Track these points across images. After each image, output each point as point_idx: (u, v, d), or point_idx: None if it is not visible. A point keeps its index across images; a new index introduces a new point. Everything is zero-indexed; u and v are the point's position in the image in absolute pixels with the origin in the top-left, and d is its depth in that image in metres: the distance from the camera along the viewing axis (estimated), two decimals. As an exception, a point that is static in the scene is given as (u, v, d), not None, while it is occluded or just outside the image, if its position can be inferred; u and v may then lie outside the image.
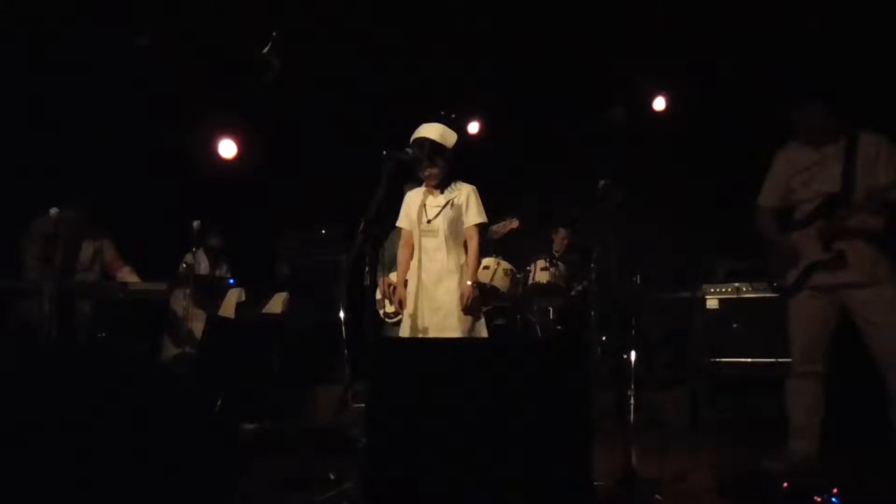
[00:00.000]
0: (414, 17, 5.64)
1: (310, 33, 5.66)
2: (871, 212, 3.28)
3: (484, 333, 3.94)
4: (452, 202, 3.87)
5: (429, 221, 3.87)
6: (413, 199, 3.99)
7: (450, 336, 3.68)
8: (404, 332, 3.85)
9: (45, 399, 2.48)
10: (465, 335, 3.74)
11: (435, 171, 3.83)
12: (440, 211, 3.86)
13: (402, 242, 4.05)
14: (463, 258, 3.89)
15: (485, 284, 5.70)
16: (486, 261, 5.81)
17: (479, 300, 3.91)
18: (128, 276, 5.07)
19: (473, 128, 7.29)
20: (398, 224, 4.03)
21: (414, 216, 3.94)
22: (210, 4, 5.22)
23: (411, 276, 3.90)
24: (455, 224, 3.86)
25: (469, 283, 3.80)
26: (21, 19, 4.95)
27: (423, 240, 3.89)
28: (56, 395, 2.51)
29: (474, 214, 3.89)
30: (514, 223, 5.57)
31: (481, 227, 3.94)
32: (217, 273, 5.88)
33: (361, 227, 3.40)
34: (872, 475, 3.40)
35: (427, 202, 3.92)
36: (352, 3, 5.38)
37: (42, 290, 4.23)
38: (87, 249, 5.07)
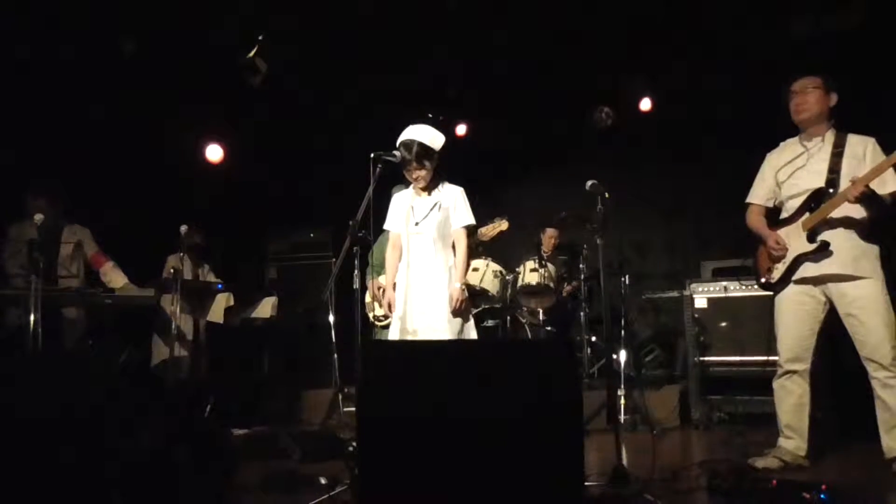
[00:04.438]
0: (402, 19, 5.63)
1: (297, 36, 5.64)
2: (855, 203, 3.26)
3: (473, 335, 3.94)
4: (440, 204, 3.88)
5: (416, 224, 3.87)
6: (400, 200, 4.00)
7: (439, 338, 3.68)
8: (393, 334, 3.84)
9: (37, 406, 2.47)
10: (455, 337, 3.74)
11: (422, 173, 3.83)
12: (428, 213, 3.87)
13: (390, 245, 4.05)
14: (452, 260, 3.89)
15: (474, 286, 5.73)
16: (475, 262, 5.83)
17: (468, 302, 3.92)
18: (111, 272, 4.99)
19: (461, 129, 7.29)
20: (386, 226, 4.02)
21: (402, 218, 3.94)
22: (197, 7, 5.19)
23: (400, 279, 3.90)
24: (443, 226, 3.87)
25: (457, 285, 3.80)
26: (5, 18, 4.90)
27: (412, 242, 3.89)
28: (46, 403, 2.50)
29: (462, 216, 3.90)
30: (503, 225, 5.57)
31: (469, 229, 3.95)
32: (199, 273, 5.84)
33: (350, 229, 3.40)
34: (860, 471, 3.42)
35: (415, 204, 3.92)
36: (340, 5, 5.36)
37: (28, 297, 4.18)
38: (65, 248, 4.93)
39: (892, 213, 3.35)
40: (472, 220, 3.94)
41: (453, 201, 3.91)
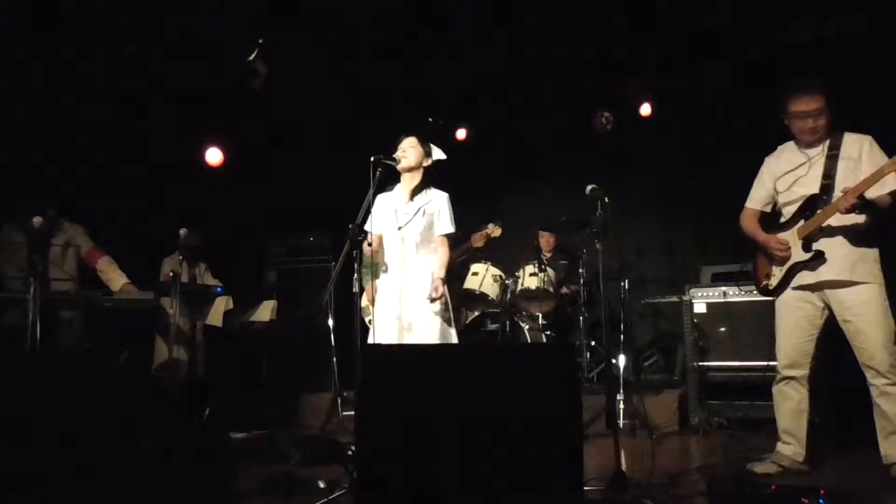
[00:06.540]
0: (402, 22, 5.64)
1: (296, 38, 5.64)
2: (851, 210, 3.19)
3: (454, 341, 3.95)
4: (424, 210, 3.90)
5: (399, 228, 3.89)
6: (384, 203, 4.00)
7: (417, 341, 3.70)
8: (374, 336, 3.85)
9: (40, 408, 2.47)
10: (435, 340, 3.75)
11: (412, 160, 3.88)
12: (412, 218, 3.89)
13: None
14: (434, 265, 3.90)
15: (474, 290, 5.74)
16: (475, 267, 5.84)
17: (451, 305, 3.93)
18: (108, 268, 4.93)
19: (461, 133, 7.29)
20: (366, 227, 4.03)
21: (385, 221, 3.94)
22: (196, 10, 5.19)
23: (382, 282, 3.93)
24: (426, 231, 3.89)
25: (440, 277, 3.81)
26: (5, 18, 4.90)
27: (394, 245, 3.90)
28: (47, 406, 2.50)
29: (444, 224, 3.94)
30: (496, 232, 5.57)
31: (449, 238, 3.97)
32: (196, 273, 5.83)
33: (349, 233, 3.40)
34: (859, 477, 3.42)
35: (399, 208, 3.94)
36: (339, 8, 5.37)
37: (27, 301, 4.17)
38: (55, 248, 4.82)
39: (891, 214, 3.28)
40: (452, 230, 3.98)
41: (438, 208, 3.94)
